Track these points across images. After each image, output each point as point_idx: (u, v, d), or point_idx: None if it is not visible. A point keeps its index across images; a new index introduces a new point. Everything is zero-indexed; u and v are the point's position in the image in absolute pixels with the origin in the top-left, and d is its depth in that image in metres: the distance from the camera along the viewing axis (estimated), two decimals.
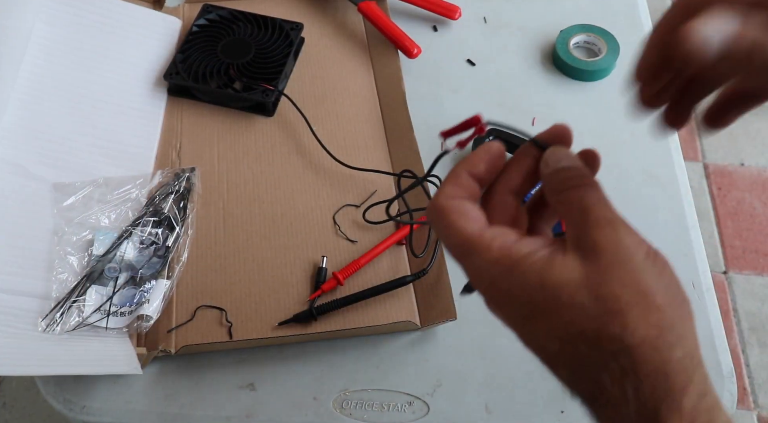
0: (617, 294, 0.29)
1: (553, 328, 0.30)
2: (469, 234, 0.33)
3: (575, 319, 0.29)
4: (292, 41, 0.77)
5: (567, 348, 0.30)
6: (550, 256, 0.31)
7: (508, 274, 0.31)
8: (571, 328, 0.29)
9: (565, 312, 0.29)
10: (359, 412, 0.57)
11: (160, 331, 0.60)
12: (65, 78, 0.71)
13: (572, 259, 0.30)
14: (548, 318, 0.30)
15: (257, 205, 0.68)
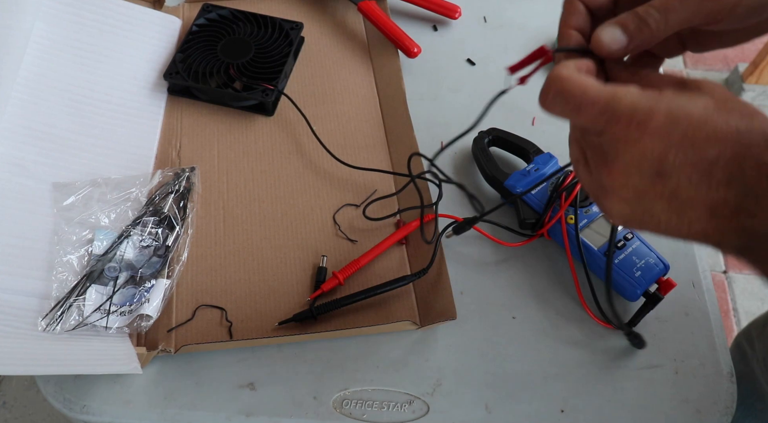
0: (744, 105, 0.36)
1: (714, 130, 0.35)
2: (594, 85, 0.37)
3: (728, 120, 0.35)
4: (292, 41, 0.77)
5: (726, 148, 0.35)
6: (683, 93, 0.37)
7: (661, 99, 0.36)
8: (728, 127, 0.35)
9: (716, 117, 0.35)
10: (359, 411, 0.57)
11: (160, 330, 0.60)
12: (65, 77, 0.71)
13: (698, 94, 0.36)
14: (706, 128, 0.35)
15: (257, 204, 0.68)
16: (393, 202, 0.69)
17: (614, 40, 0.40)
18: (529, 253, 0.67)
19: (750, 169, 0.35)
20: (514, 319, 0.63)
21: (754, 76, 1.85)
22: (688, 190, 0.36)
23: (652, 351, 0.61)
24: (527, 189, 0.66)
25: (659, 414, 0.58)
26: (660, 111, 0.36)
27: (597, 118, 0.38)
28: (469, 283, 0.65)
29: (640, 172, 0.37)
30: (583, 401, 0.58)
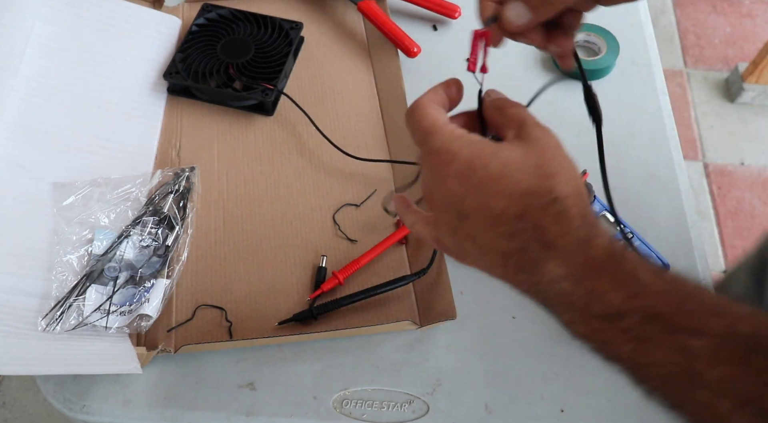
0: (549, 164, 0.38)
1: (504, 187, 0.38)
2: (436, 118, 0.41)
3: (522, 179, 0.37)
4: (292, 40, 0.77)
5: (513, 202, 0.37)
6: (497, 143, 0.40)
7: (467, 147, 0.39)
8: (519, 184, 0.37)
9: (513, 174, 0.38)
10: (359, 411, 0.57)
11: (159, 330, 0.60)
12: (65, 77, 0.71)
13: (515, 145, 0.39)
14: (499, 180, 0.38)
15: (257, 204, 0.68)
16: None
17: (519, 16, 0.43)
18: None
19: (527, 231, 0.37)
20: (514, 319, 0.63)
21: (754, 75, 1.85)
22: (483, 235, 0.39)
23: None
24: None
25: (659, 413, 0.58)
26: (462, 156, 0.39)
27: (420, 146, 0.42)
28: (468, 283, 0.65)
29: (448, 209, 0.40)
30: (583, 401, 0.58)
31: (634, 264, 0.36)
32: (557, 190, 0.37)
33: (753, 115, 1.91)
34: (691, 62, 2.02)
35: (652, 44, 0.83)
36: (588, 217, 0.37)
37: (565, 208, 0.37)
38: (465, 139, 0.40)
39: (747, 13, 2.13)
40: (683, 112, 1.90)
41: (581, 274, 0.36)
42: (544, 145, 0.39)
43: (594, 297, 0.36)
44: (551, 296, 0.38)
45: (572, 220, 0.37)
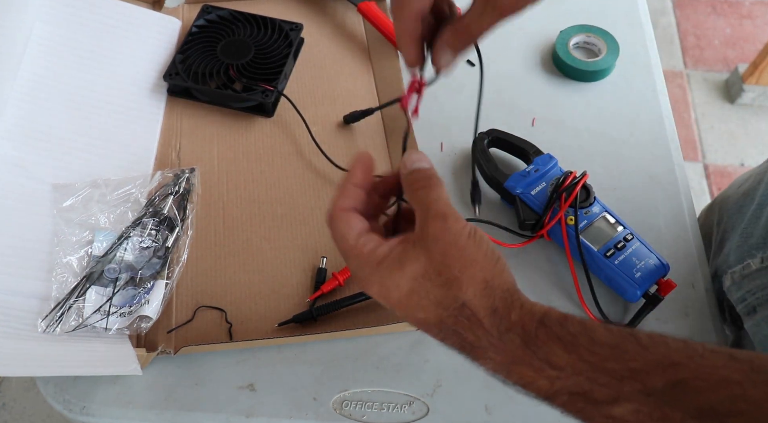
0: (451, 268, 0.40)
1: (417, 302, 0.41)
2: (350, 243, 0.43)
3: (429, 291, 0.40)
4: (292, 42, 0.77)
5: (430, 314, 0.41)
6: (402, 252, 0.41)
7: (376, 271, 0.41)
8: (428, 297, 0.40)
9: (421, 288, 0.41)
10: (359, 412, 0.57)
11: (159, 331, 0.60)
12: (65, 78, 0.71)
13: (418, 250, 0.41)
14: (411, 296, 0.41)
15: (257, 205, 0.68)
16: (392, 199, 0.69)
17: (449, 61, 0.46)
18: (529, 254, 0.67)
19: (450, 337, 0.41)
20: None
21: (754, 76, 1.85)
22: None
23: None
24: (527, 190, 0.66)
25: None
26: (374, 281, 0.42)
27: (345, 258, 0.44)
28: None
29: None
30: None
31: (547, 349, 0.38)
32: (462, 296, 0.40)
33: (753, 116, 1.91)
34: (691, 63, 2.02)
35: (651, 45, 0.83)
36: (498, 312, 0.40)
37: (474, 311, 0.40)
38: (372, 262, 0.42)
39: (747, 14, 2.13)
40: (683, 113, 1.90)
41: (507, 367, 0.40)
42: (444, 246, 0.40)
43: (526, 384, 0.40)
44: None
45: (483, 322, 0.40)
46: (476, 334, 0.40)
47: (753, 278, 0.60)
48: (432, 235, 0.41)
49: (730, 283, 0.63)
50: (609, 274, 0.62)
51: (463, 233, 0.41)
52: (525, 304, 0.41)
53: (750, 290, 0.60)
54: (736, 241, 0.64)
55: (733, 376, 0.34)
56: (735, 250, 0.64)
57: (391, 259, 0.41)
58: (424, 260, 0.40)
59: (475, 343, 0.40)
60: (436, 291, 0.40)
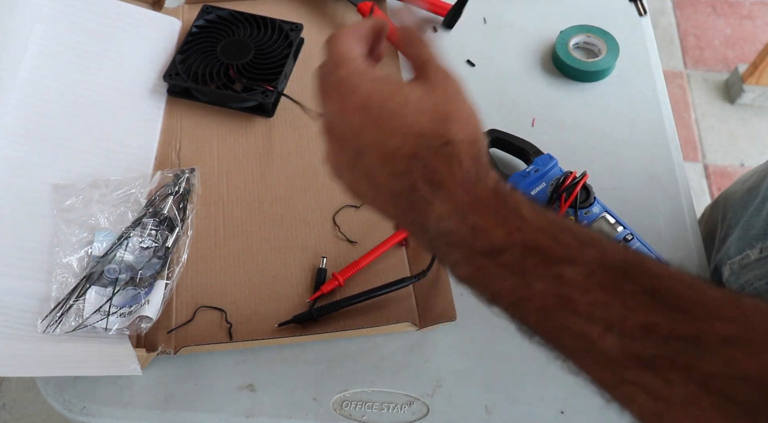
0: (447, 109, 0.39)
1: (399, 123, 0.38)
2: (349, 49, 0.42)
3: (417, 120, 0.38)
4: (292, 42, 0.77)
5: (407, 141, 0.38)
6: (401, 80, 0.41)
7: (370, 82, 0.40)
8: (413, 127, 0.38)
9: (410, 114, 0.39)
10: (359, 412, 0.57)
11: (159, 331, 0.60)
12: (65, 79, 0.71)
13: (416, 84, 0.40)
14: (394, 120, 0.39)
15: (257, 205, 0.68)
16: None
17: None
18: None
19: (417, 170, 0.38)
20: None
21: (753, 77, 1.85)
22: (376, 172, 0.39)
23: None
24: (527, 190, 0.66)
25: None
26: (362, 91, 0.40)
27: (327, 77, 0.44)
28: None
29: (346, 145, 0.41)
30: (583, 402, 0.58)
31: (517, 202, 0.37)
32: (451, 135, 0.38)
33: (753, 116, 1.91)
34: (691, 63, 2.02)
35: (652, 45, 0.83)
36: (479, 161, 0.38)
37: (457, 151, 0.38)
38: (368, 75, 0.40)
39: (747, 14, 2.13)
40: (683, 114, 1.91)
41: (466, 211, 0.37)
42: (444, 89, 0.40)
43: (477, 234, 0.36)
44: (437, 236, 0.38)
45: (462, 163, 0.38)
46: (450, 171, 0.37)
47: (751, 268, 0.60)
48: (434, 78, 0.40)
49: (728, 274, 0.63)
50: None
51: (461, 90, 0.41)
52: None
53: (748, 280, 0.60)
54: (737, 234, 0.65)
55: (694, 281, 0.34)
56: (736, 242, 0.64)
57: (389, 79, 0.40)
58: (421, 93, 0.39)
59: (443, 181, 0.37)
60: (425, 123, 0.38)
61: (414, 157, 0.38)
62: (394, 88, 0.40)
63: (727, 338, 0.30)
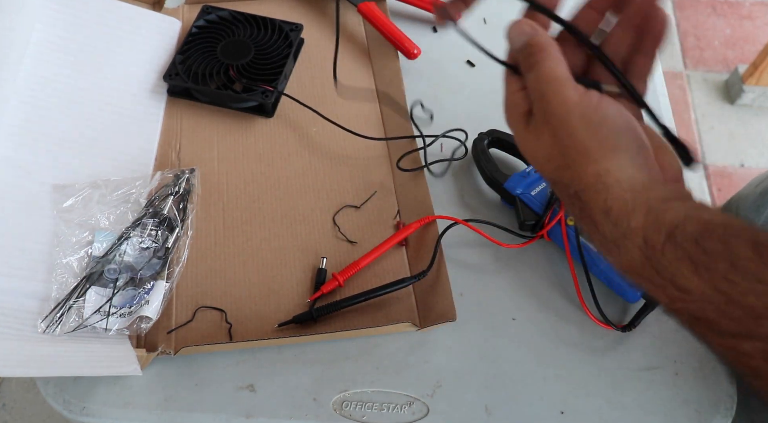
0: (565, 155, 0.37)
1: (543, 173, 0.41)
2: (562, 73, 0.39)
3: (546, 170, 0.39)
4: (292, 42, 0.77)
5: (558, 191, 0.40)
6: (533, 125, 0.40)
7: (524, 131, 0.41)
8: (548, 176, 0.40)
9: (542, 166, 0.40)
10: (359, 413, 0.57)
11: (159, 332, 0.60)
12: (65, 79, 0.71)
13: (538, 130, 0.39)
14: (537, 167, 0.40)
15: (257, 205, 0.68)
16: (392, 200, 0.69)
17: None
18: (529, 255, 0.67)
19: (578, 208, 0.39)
20: (514, 321, 0.63)
21: (753, 77, 1.85)
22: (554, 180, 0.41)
23: (652, 352, 0.61)
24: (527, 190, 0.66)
25: (659, 415, 0.58)
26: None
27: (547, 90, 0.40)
28: (468, 285, 0.65)
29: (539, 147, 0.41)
30: (583, 403, 0.58)
31: (673, 269, 0.33)
32: (573, 186, 0.37)
33: (753, 116, 1.91)
34: (691, 64, 2.02)
35: None
36: (611, 213, 0.35)
37: (585, 204, 0.36)
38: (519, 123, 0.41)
39: (747, 14, 2.13)
40: (683, 114, 1.90)
41: (625, 273, 0.36)
42: (561, 130, 0.37)
43: (644, 291, 0.36)
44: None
45: (595, 219, 0.36)
46: (590, 229, 0.36)
47: None
48: (552, 117, 0.38)
49: None
50: (609, 274, 0.62)
51: (575, 112, 0.37)
52: (653, 208, 0.35)
53: None
54: None
55: None
56: None
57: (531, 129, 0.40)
58: (539, 141, 0.39)
59: (592, 235, 0.37)
60: (552, 173, 0.38)
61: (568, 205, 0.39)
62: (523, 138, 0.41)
63: None
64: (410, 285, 0.63)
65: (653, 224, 0.34)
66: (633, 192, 0.35)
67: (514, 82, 0.42)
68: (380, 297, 0.62)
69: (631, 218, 0.35)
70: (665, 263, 0.33)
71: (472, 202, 0.70)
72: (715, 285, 0.32)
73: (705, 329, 0.33)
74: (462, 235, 0.66)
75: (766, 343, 0.31)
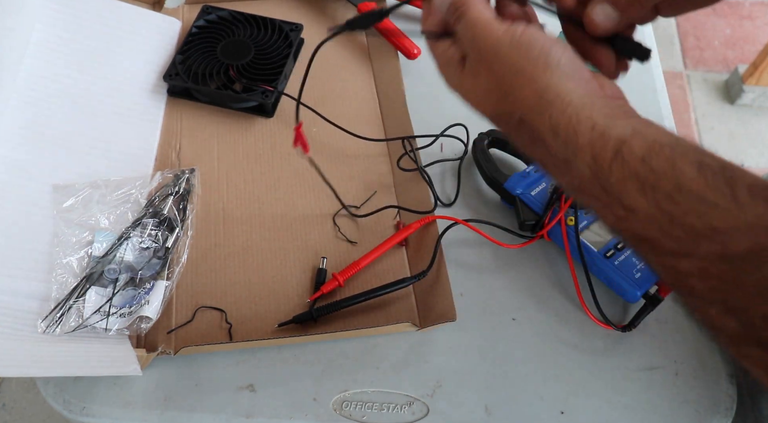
0: (501, 84, 0.39)
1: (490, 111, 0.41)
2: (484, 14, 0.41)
3: (487, 107, 0.41)
4: (292, 42, 0.77)
5: (501, 123, 0.41)
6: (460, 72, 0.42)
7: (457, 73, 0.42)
8: (488, 112, 0.41)
9: (481, 105, 0.41)
10: (359, 413, 0.57)
11: (159, 332, 0.60)
12: (65, 79, 0.71)
13: (468, 70, 0.41)
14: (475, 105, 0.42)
15: (257, 206, 0.68)
16: (392, 200, 0.69)
17: (607, 18, 0.41)
18: (529, 255, 0.67)
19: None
20: (514, 321, 0.63)
21: (753, 77, 1.85)
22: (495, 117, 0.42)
23: (652, 352, 0.61)
24: (527, 190, 0.66)
25: (659, 415, 0.58)
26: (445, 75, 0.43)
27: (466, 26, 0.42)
28: (468, 285, 0.65)
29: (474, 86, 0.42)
30: (583, 403, 0.58)
31: (620, 186, 0.34)
32: (517, 111, 0.37)
33: (753, 116, 1.91)
34: (691, 64, 2.02)
35: (651, 46, 0.83)
36: (559, 130, 0.36)
37: (532, 127, 0.37)
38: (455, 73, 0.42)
39: (747, 14, 2.13)
40: (683, 114, 1.91)
41: (573, 192, 0.37)
42: (495, 62, 0.39)
43: (591, 211, 0.37)
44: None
45: (545, 140, 0.36)
46: (541, 152, 0.37)
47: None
48: (480, 55, 0.40)
49: None
50: (609, 274, 0.62)
51: (504, 40, 0.38)
52: (598, 124, 0.35)
53: None
54: None
55: None
56: None
57: (467, 72, 0.41)
58: (473, 80, 0.40)
59: (542, 160, 0.38)
60: (492, 107, 0.39)
61: (515, 134, 0.40)
62: (458, 82, 0.42)
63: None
64: (410, 285, 0.63)
65: (599, 140, 0.35)
66: (575, 107, 0.36)
67: (441, 43, 0.44)
68: (380, 297, 0.62)
69: (579, 134, 0.35)
70: (612, 181, 0.34)
71: (472, 202, 0.70)
72: (659, 204, 0.33)
73: (647, 249, 0.34)
74: (462, 235, 0.66)
75: (702, 262, 0.31)
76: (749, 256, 0.30)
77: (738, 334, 0.32)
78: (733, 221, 0.31)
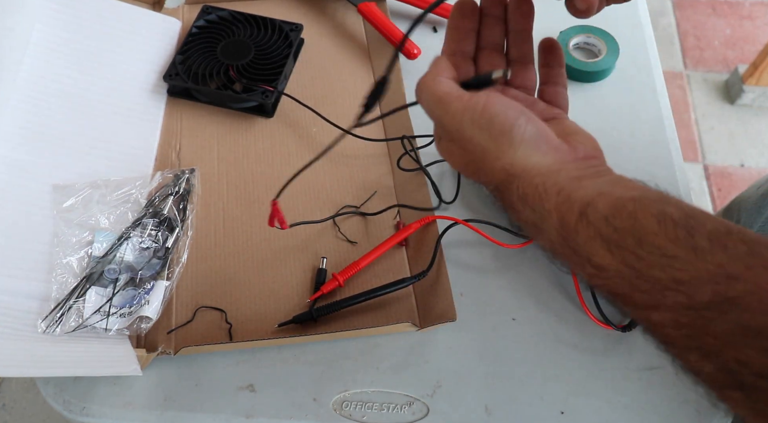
0: (474, 159, 0.41)
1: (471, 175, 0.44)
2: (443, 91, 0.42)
3: (473, 174, 0.43)
4: (292, 42, 0.77)
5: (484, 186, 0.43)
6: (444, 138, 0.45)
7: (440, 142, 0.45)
8: (475, 176, 0.43)
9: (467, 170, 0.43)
10: (359, 413, 0.57)
11: (159, 332, 0.60)
12: (65, 79, 0.71)
13: (448, 145, 0.44)
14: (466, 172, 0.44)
15: (257, 206, 0.68)
16: (392, 200, 0.69)
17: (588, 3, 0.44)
18: (529, 255, 0.67)
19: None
20: (513, 321, 0.63)
21: (753, 77, 1.85)
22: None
23: (652, 352, 0.61)
24: None
25: (659, 415, 0.58)
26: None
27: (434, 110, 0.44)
28: (469, 285, 0.65)
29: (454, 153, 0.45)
30: (583, 403, 0.58)
31: (588, 247, 0.35)
32: (491, 182, 0.40)
33: (753, 116, 1.91)
34: (691, 64, 2.02)
35: (651, 46, 0.83)
36: (527, 199, 0.37)
37: (504, 195, 0.39)
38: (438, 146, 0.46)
39: (747, 14, 2.13)
40: (683, 114, 1.91)
41: (550, 253, 0.38)
42: (460, 140, 0.40)
43: (570, 268, 0.38)
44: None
45: (516, 207, 0.38)
46: (516, 217, 0.39)
47: None
48: (445, 134, 0.42)
49: None
50: None
51: (465, 120, 0.40)
52: (564, 188, 0.37)
53: None
54: None
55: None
56: None
57: (443, 146, 0.44)
58: (455, 152, 0.42)
59: (518, 222, 0.40)
60: (473, 176, 0.42)
61: (496, 193, 0.42)
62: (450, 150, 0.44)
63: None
64: (410, 285, 0.63)
65: (565, 203, 0.36)
66: (542, 176, 0.37)
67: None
68: (380, 297, 0.62)
69: (545, 200, 0.36)
70: (580, 242, 0.35)
71: (472, 202, 0.70)
72: (625, 261, 0.34)
73: (621, 303, 0.35)
74: (462, 235, 0.66)
75: (672, 313, 0.32)
76: (712, 304, 0.31)
77: (717, 378, 0.33)
78: (694, 272, 0.32)
